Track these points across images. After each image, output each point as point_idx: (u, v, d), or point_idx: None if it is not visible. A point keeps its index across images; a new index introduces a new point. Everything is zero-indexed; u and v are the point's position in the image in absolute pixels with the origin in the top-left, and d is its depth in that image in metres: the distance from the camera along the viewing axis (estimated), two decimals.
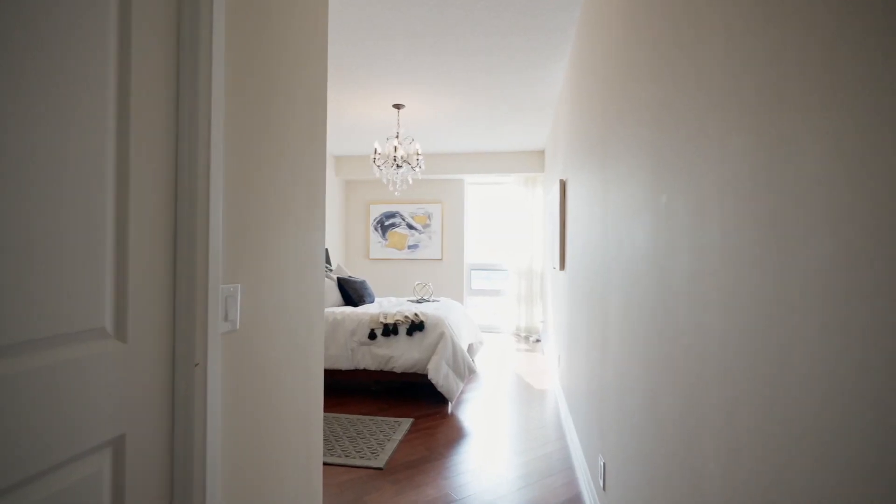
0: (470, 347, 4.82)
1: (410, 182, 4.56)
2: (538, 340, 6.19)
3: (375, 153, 4.19)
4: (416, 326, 3.69)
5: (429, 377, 3.49)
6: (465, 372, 3.70)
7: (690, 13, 0.98)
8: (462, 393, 3.92)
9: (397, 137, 4.19)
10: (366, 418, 3.29)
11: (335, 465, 2.56)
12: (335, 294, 4.33)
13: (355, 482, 2.38)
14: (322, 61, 1.47)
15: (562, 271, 3.53)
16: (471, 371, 3.76)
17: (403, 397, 3.81)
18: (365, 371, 3.76)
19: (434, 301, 4.70)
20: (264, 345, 1.20)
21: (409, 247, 6.92)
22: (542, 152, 6.21)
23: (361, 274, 7.05)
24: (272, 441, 1.24)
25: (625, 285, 1.53)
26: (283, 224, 1.29)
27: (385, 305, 4.37)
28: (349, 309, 4.01)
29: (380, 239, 7.01)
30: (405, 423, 3.20)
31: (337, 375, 3.81)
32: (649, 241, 1.26)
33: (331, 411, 3.45)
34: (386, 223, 6.99)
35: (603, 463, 1.85)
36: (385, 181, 4.45)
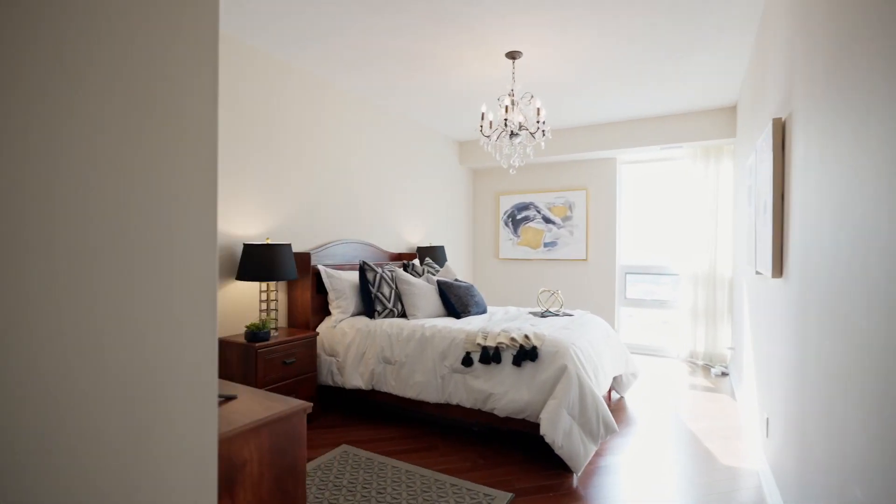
0: (618, 381, 3.49)
1: (531, 155, 3.45)
2: (724, 374, 4.41)
3: (483, 120, 3.21)
4: (527, 354, 2.59)
5: (541, 432, 2.37)
6: (600, 430, 2.46)
7: None
8: (595, 456, 2.67)
9: (511, 96, 3.14)
10: (446, 479, 2.33)
11: None
12: (435, 302, 3.48)
13: None
14: None
15: (776, 278, 2.04)
16: (609, 430, 2.49)
17: (510, 447, 2.74)
18: (459, 407, 2.81)
19: (564, 315, 3.50)
20: None
21: (546, 244, 5.74)
22: (733, 108, 4.41)
23: (490, 277, 6.13)
24: None
25: None
26: None
27: (496, 319, 3.36)
28: (442, 322, 3.11)
29: (510, 235, 5.99)
30: (500, 501, 2.14)
31: (426, 408, 2.94)
32: None
33: (408, 459, 2.59)
34: (518, 217, 5.94)
35: None
36: (497, 157, 3.43)
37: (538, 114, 3.12)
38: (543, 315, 3.47)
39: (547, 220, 5.73)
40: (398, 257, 4.54)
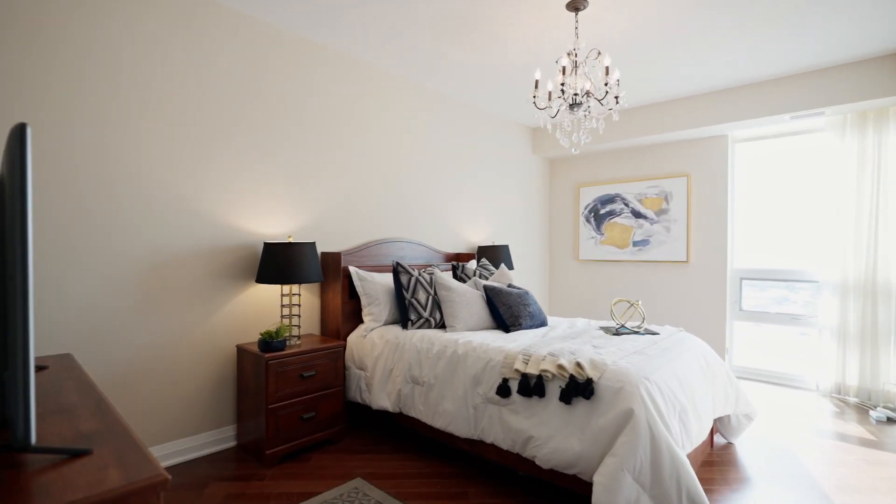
0: (724, 422, 2.65)
1: (600, 129, 2.73)
2: (891, 420, 3.21)
3: (536, 88, 2.58)
4: (578, 388, 1.93)
5: (593, 500, 1.71)
6: None
7: None
8: None
9: (571, 56, 2.47)
10: None
11: None
12: (480, 311, 2.92)
13: None
14: None
15: None
16: None
17: (556, 502, 2.09)
18: (494, 447, 2.23)
19: (645, 333, 2.72)
20: None
21: (636, 243, 4.83)
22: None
23: (568, 283, 5.36)
24: None
25: None
26: None
27: (553, 335, 2.70)
28: (480, 338, 2.54)
29: (592, 233, 5.16)
30: None
31: (457, 442, 2.41)
32: None
33: None
34: (601, 211, 5.09)
35: None
36: (558, 135, 2.77)
37: (607, 74, 2.41)
38: (617, 332, 2.73)
39: (637, 215, 4.82)
40: (455, 258, 4.06)
